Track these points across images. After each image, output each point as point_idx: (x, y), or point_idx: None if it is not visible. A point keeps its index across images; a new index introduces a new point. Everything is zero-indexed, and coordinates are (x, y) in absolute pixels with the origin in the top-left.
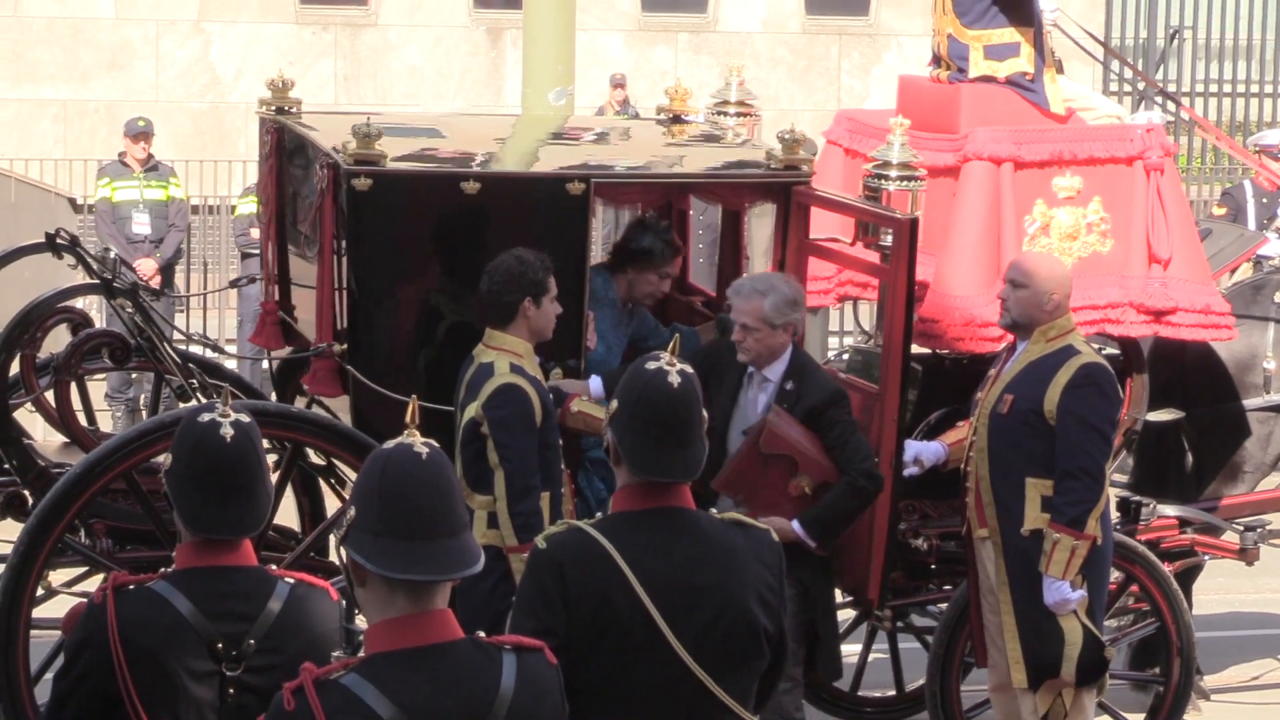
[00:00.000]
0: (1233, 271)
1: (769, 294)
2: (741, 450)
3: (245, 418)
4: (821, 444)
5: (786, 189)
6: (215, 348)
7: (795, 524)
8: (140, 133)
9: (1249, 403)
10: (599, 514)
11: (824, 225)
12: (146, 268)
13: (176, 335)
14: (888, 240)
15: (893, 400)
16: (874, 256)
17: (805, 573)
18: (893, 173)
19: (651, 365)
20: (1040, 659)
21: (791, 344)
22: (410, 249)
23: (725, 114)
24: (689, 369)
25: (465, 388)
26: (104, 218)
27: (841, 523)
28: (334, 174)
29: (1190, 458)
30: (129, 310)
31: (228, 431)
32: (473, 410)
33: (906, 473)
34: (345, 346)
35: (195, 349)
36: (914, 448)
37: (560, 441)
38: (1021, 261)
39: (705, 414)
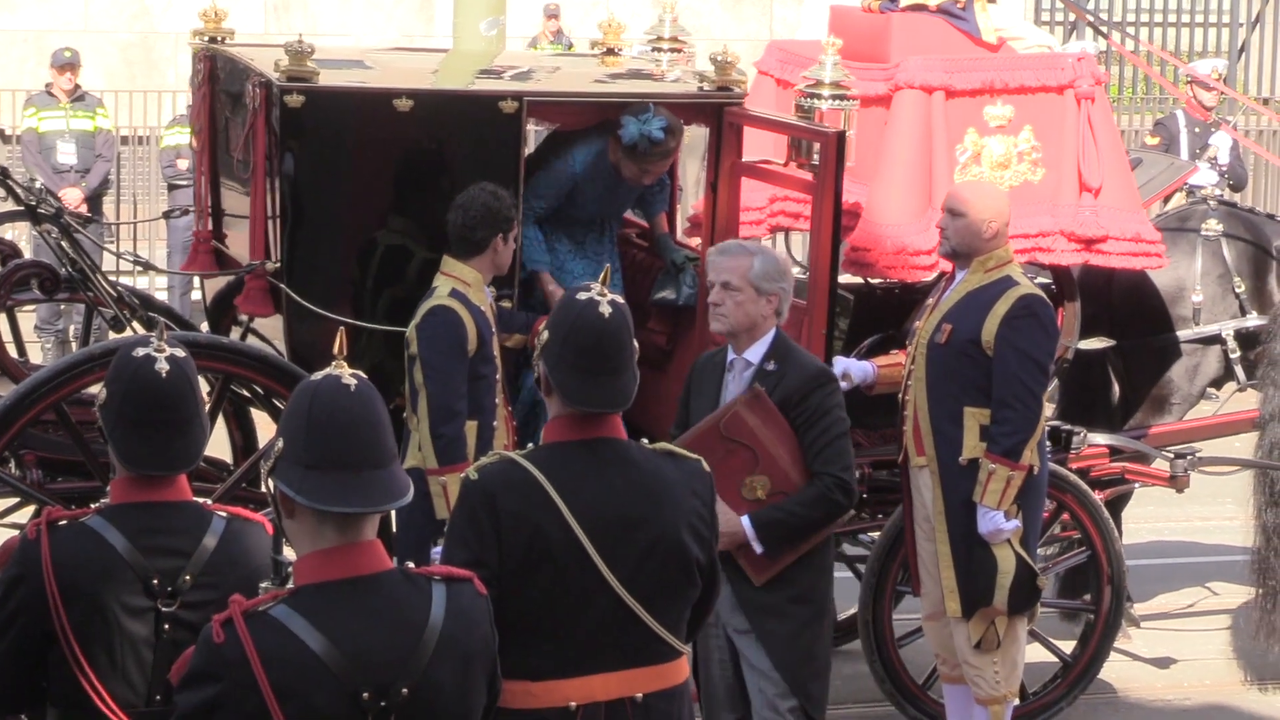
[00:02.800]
0: (1165, 200)
1: (758, 254)
2: (703, 426)
3: (180, 352)
4: (799, 440)
5: (719, 110)
6: (148, 265)
7: (745, 521)
8: (66, 63)
9: (1179, 334)
10: (530, 445)
11: (757, 151)
12: (72, 197)
13: (107, 260)
14: (819, 159)
15: (820, 314)
16: (807, 176)
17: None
18: (825, 91)
19: (582, 296)
20: (974, 588)
21: (775, 326)
22: (343, 167)
23: (659, 49)
24: (619, 299)
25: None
26: (30, 148)
27: (800, 533)
28: (266, 92)
29: (1116, 388)
30: (55, 236)
31: (163, 367)
32: (408, 329)
33: None
34: (278, 265)
35: (126, 269)
36: (842, 363)
37: (499, 375)
38: (960, 190)
39: (636, 345)
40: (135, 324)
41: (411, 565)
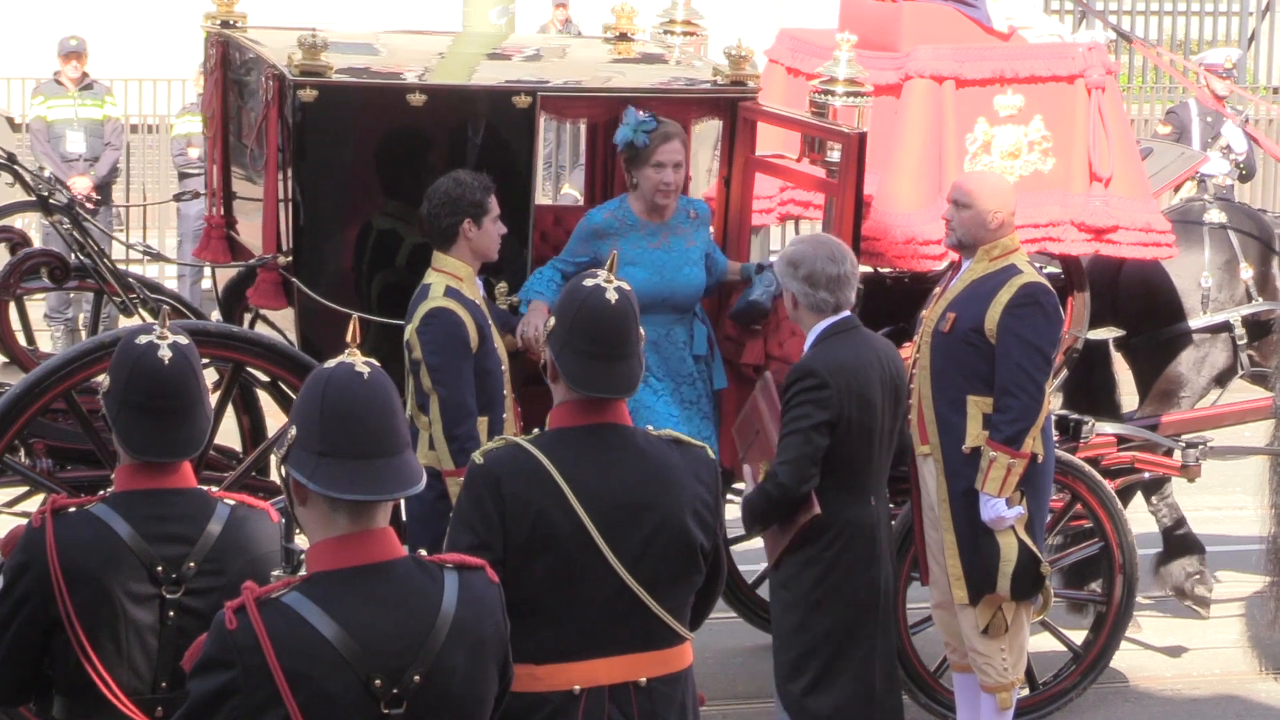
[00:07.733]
0: (1176, 189)
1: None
2: (746, 406)
3: (183, 339)
4: None
5: (733, 104)
6: (158, 255)
7: (745, 497)
8: (72, 51)
9: (1188, 324)
10: (536, 430)
11: (767, 143)
12: (81, 185)
13: (117, 249)
14: (834, 155)
15: None
16: (820, 172)
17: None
18: (839, 88)
19: (589, 282)
20: (979, 575)
21: (830, 318)
22: (355, 160)
23: (671, 33)
24: (626, 285)
25: (410, 310)
26: (39, 136)
27: (757, 516)
28: (279, 85)
29: (1116, 379)
30: (66, 226)
31: (166, 354)
32: (407, 332)
33: None
34: (290, 258)
35: (137, 258)
36: None
37: (505, 367)
38: (965, 181)
39: (642, 331)
40: (144, 312)
41: (424, 552)
